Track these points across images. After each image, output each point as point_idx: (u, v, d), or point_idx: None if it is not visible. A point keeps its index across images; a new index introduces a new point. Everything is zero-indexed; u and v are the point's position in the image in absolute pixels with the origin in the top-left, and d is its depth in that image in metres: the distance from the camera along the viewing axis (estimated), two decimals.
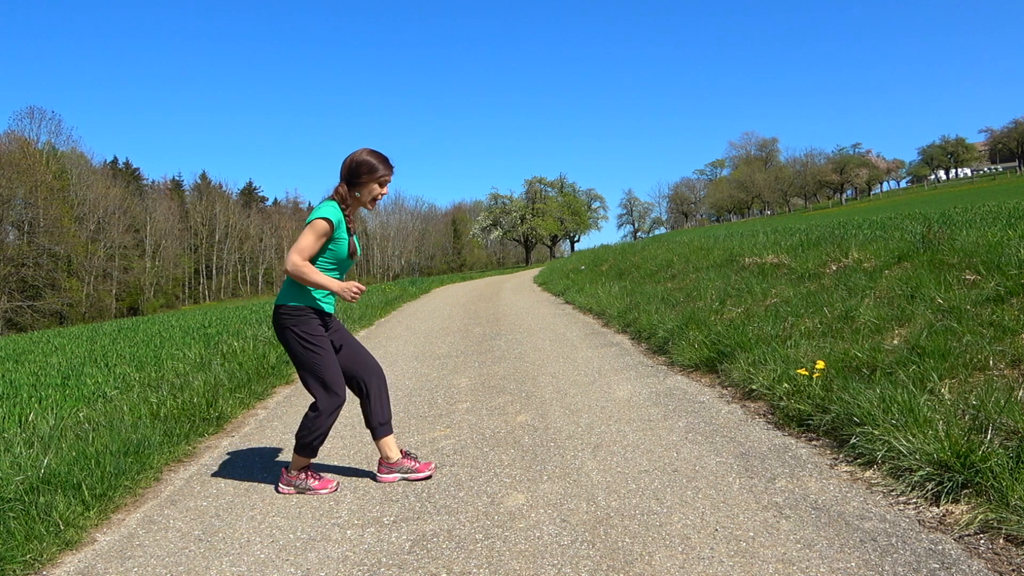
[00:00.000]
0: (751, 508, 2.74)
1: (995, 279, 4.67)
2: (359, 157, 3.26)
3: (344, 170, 3.29)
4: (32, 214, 48.52)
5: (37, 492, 3.33)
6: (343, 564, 2.63)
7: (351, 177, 3.27)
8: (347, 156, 3.30)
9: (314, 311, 3.30)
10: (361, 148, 3.31)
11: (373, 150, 3.30)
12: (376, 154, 3.29)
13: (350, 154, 3.30)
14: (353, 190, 3.29)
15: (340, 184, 3.30)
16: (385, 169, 3.29)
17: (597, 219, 69.36)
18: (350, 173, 3.27)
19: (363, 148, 3.31)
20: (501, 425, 4.36)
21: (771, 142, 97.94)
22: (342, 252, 3.31)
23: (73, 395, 5.99)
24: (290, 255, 3.19)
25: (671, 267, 12.06)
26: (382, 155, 3.31)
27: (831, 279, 6.56)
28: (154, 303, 62.34)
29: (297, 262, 3.17)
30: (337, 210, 3.24)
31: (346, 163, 3.28)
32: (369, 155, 3.27)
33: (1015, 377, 3.30)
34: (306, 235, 3.19)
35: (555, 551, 2.54)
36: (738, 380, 4.58)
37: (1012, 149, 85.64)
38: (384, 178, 3.31)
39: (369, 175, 3.26)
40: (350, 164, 3.27)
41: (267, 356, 7.35)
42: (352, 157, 3.28)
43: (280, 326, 3.31)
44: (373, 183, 3.28)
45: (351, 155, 3.29)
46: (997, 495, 2.43)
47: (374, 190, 3.30)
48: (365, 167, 3.25)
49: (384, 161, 3.30)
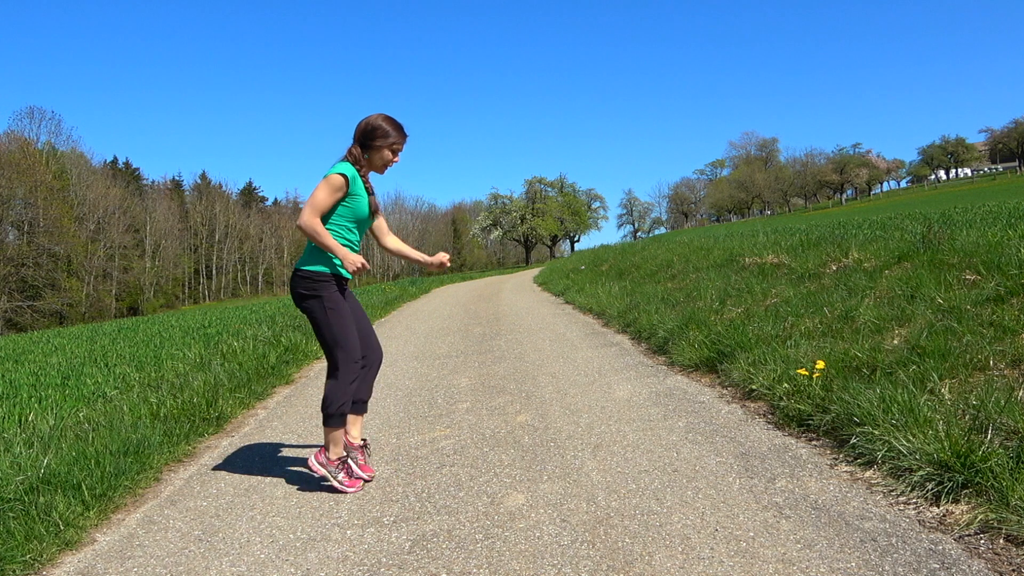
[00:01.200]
0: (751, 508, 2.74)
1: (995, 279, 4.67)
2: (374, 121, 3.26)
3: (358, 132, 3.28)
4: (32, 214, 48.54)
5: (37, 492, 3.33)
6: (343, 564, 2.63)
7: (364, 139, 3.27)
8: (362, 119, 3.29)
9: (333, 276, 3.29)
10: (376, 113, 3.31)
11: (388, 116, 3.30)
12: (391, 120, 3.30)
13: (365, 117, 3.30)
14: (365, 152, 3.29)
15: (353, 145, 3.30)
16: (398, 136, 3.29)
17: (597, 219, 69.41)
18: (364, 135, 3.27)
19: (378, 113, 3.31)
20: (501, 425, 4.36)
21: (771, 142, 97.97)
22: (361, 209, 3.30)
23: (73, 395, 5.99)
24: (303, 210, 3.15)
25: (671, 267, 12.06)
26: (397, 122, 3.31)
27: (831, 279, 6.56)
28: (154, 303, 62.37)
29: (311, 219, 3.13)
30: (351, 168, 3.24)
31: (360, 126, 3.28)
32: (384, 120, 3.28)
33: (1015, 377, 3.30)
34: (320, 189, 3.16)
35: (555, 551, 2.54)
36: (738, 380, 4.58)
37: (1012, 149, 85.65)
38: (396, 145, 3.30)
39: (383, 139, 3.26)
40: (364, 127, 3.26)
41: (267, 356, 7.35)
42: (367, 120, 3.27)
43: (300, 291, 3.28)
44: (386, 149, 3.28)
45: (366, 118, 3.28)
46: (997, 495, 2.43)
47: (386, 156, 3.30)
48: (380, 131, 3.26)
49: (398, 128, 3.30)
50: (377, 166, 3.32)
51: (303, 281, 3.27)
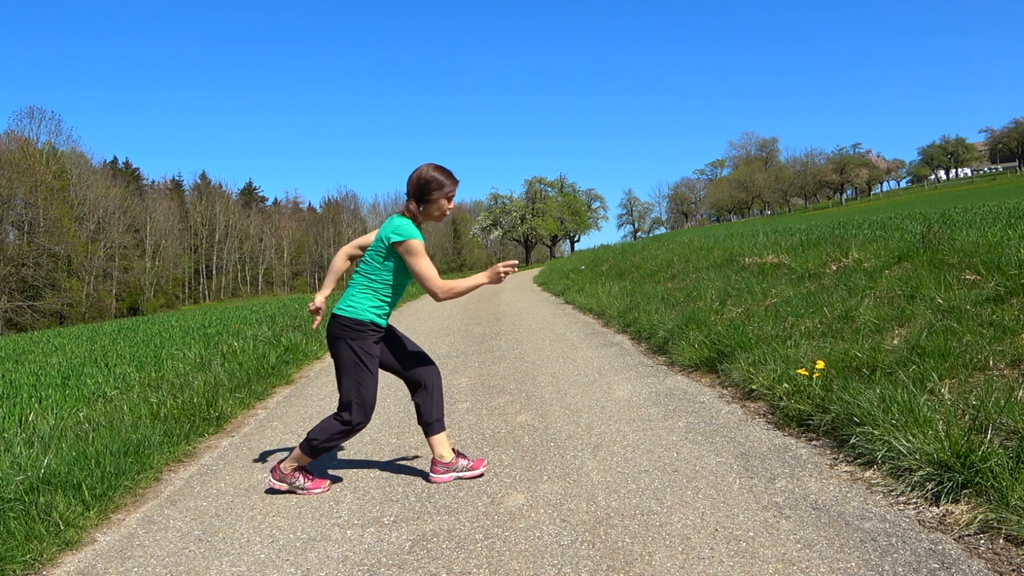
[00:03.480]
0: (751, 508, 2.74)
1: (995, 279, 4.67)
2: (427, 174, 3.29)
3: (412, 187, 3.30)
4: (32, 214, 48.53)
5: (37, 492, 3.33)
6: (343, 564, 2.63)
7: (420, 194, 3.29)
8: (413, 173, 3.32)
9: (374, 326, 3.31)
10: (425, 164, 3.33)
11: (438, 165, 3.34)
12: (441, 169, 3.33)
13: (416, 171, 3.32)
14: (421, 206, 3.31)
15: (409, 201, 3.32)
16: (451, 184, 3.34)
17: (597, 219, 69.37)
18: (419, 190, 3.29)
19: (427, 164, 3.34)
20: (501, 425, 4.36)
21: (771, 142, 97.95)
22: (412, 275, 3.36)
23: (73, 395, 6.00)
24: (430, 286, 3.20)
25: (671, 267, 12.06)
26: (446, 170, 3.36)
27: (831, 279, 6.56)
28: (154, 303, 62.36)
29: (442, 285, 3.21)
30: (416, 228, 3.28)
31: (413, 180, 3.30)
32: (435, 171, 3.31)
33: (1015, 377, 3.30)
34: (420, 260, 3.23)
35: (555, 551, 2.54)
36: (738, 380, 4.58)
37: (1012, 149, 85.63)
38: (451, 192, 3.34)
39: (438, 190, 3.29)
40: (418, 181, 3.29)
41: (267, 356, 7.35)
42: (419, 174, 3.30)
43: (337, 336, 3.30)
44: (442, 198, 3.31)
45: (417, 172, 3.31)
46: (997, 495, 2.43)
47: (443, 205, 3.33)
48: (434, 183, 3.28)
49: (449, 175, 3.35)
50: (434, 216, 3.37)
51: (343, 329, 3.29)
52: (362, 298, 3.29)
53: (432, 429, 3.50)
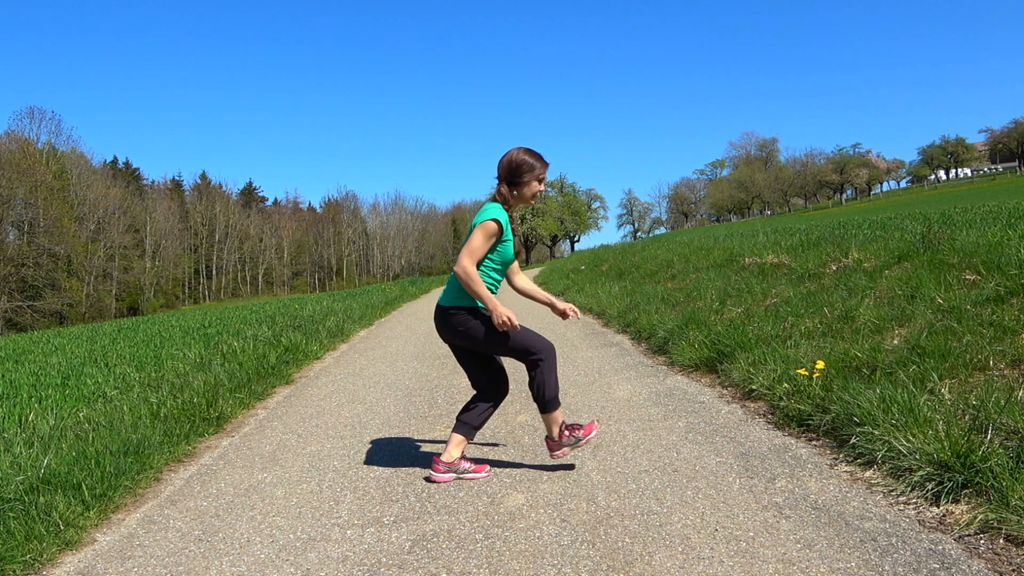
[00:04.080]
0: (751, 508, 2.74)
1: (995, 279, 4.67)
2: (518, 157, 3.29)
3: (504, 171, 3.31)
4: (32, 214, 48.52)
5: (37, 492, 3.33)
6: (343, 564, 2.63)
7: (512, 177, 3.30)
8: (503, 157, 3.32)
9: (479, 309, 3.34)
10: (515, 148, 3.34)
11: (528, 148, 3.34)
12: (531, 152, 3.34)
13: (506, 155, 3.32)
14: (513, 189, 3.32)
15: (501, 185, 3.32)
16: (542, 166, 3.34)
17: (597, 219, 69.51)
18: (510, 173, 3.29)
19: (518, 148, 3.34)
20: (501, 425, 4.36)
21: (771, 142, 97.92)
22: (508, 253, 3.36)
23: (73, 395, 5.99)
24: (461, 258, 3.20)
25: (671, 267, 12.06)
26: (536, 152, 3.36)
27: (831, 279, 6.56)
28: (154, 303, 62.37)
29: (469, 267, 3.19)
30: (503, 211, 3.28)
31: (504, 164, 3.30)
32: (526, 154, 3.31)
33: (1015, 377, 3.30)
34: (477, 236, 3.21)
35: (555, 551, 2.54)
36: (738, 380, 4.59)
37: (1012, 149, 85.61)
38: (542, 175, 3.35)
39: (529, 173, 3.30)
40: (509, 164, 3.29)
41: (267, 356, 7.35)
42: (510, 157, 3.30)
43: (455, 325, 3.33)
44: (533, 180, 3.32)
45: (508, 156, 3.31)
46: (997, 495, 2.43)
47: (534, 187, 3.34)
48: (525, 166, 3.29)
49: (540, 158, 3.35)
50: (527, 198, 3.37)
51: (454, 316, 3.32)
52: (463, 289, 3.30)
53: (458, 426, 3.49)
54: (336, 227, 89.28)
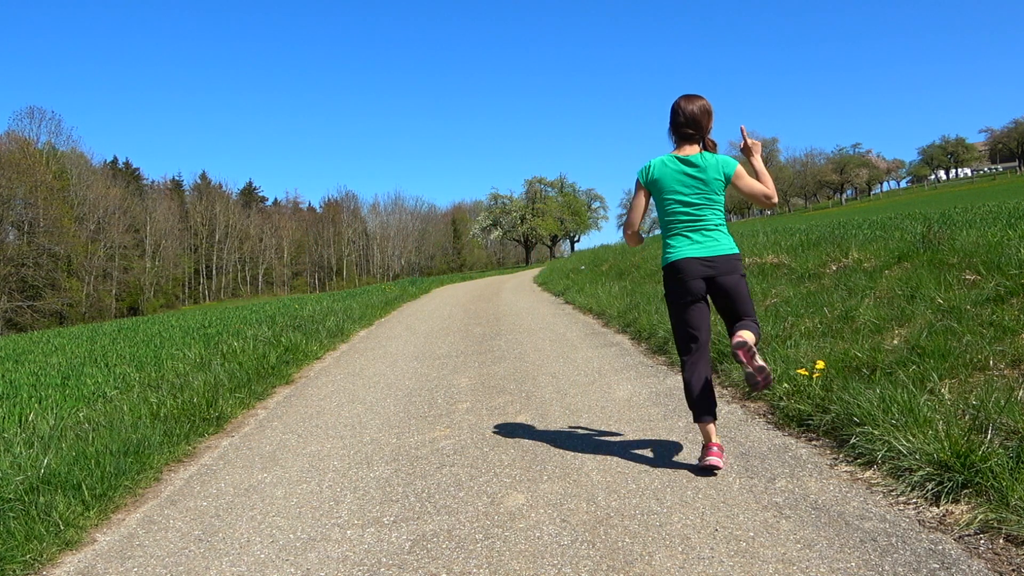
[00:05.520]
0: (751, 508, 2.74)
1: (995, 279, 4.67)
2: (708, 104, 3.27)
3: (711, 119, 3.27)
4: (32, 214, 48.53)
5: (37, 492, 3.33)
6: (343, 564, 2.63)
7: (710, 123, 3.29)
8: (701, 107, 3.24)
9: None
10: (692, 97, 3.28)
11: (688, 95, 3.32)
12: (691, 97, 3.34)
13: (697, 104, 3.25)
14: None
15: (707, 137, 3.28)
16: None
17: (597, 219, 69.28)
18: (711, 120, 3.28)
19: (692, 96, 3.28)
20: (501, 425, 4.36)
21: (771, 142, 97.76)
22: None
23: (73, 395, 6.00)
24: (773, 190, 3.21)
25: None
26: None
27: (831, 279, 6.56)
28: (154, 303, 62.38)
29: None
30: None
31: (709, 112, 3.25)
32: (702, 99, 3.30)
33: (1015, 377, 3.30)
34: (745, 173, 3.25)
35: (555, 551, 2.54)
36: (738, 380, 4.58)
37: (1012, 149, 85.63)
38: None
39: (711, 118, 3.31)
40: (710, 113, 3.26)
41: (267, 356, 7.35)
42: (707, 107, 3.26)
43: (739, 272, 3.26)
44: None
45: (701, 104, 3.25)
46: (997, 495, 2.43)
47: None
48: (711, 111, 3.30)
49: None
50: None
51: (740, 262, 3.28)
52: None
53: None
54: (336, 227, 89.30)
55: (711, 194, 3.21)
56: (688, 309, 3.25)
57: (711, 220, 3.22)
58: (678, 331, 3.33)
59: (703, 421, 3.19)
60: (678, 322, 3.31)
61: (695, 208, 3.21)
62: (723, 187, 3.22)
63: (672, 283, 3.28)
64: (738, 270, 3.25)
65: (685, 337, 3.29)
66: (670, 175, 3.22)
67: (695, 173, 3.20)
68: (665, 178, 3.23)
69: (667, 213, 3.27)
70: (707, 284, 3.22)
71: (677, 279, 3.24)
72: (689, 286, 3.21)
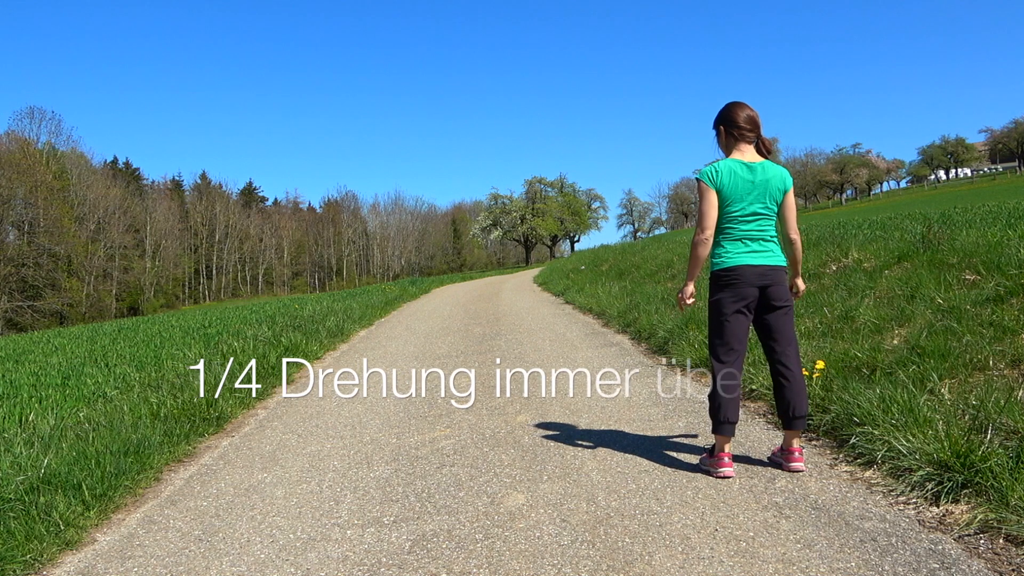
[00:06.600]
0: (751, 508, 2.74)
1: (995, 279, 4.67)
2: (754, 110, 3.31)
3: (760, 127, 3.29)
4: (32, 214, 48.50)
5: (37, 492, 3.33)
6: (343, 564, 2.63)
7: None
8: (749, 114, 3.27)
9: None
10: (741, 103, 3.32)
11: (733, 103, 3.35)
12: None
13: (744, 110, 3.27)
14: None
15: (763, 139, 3.30)
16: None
17: (597, 219, 69.30)
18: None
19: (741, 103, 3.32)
20: (501, 425, 4.36)
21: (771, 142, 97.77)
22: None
23: (73, 395, 5.99)
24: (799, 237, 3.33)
25: (671, 267, 12.06)
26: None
27: (831, 279, 6.56)
28: (154, 303, 62.33)
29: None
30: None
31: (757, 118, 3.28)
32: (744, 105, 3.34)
33: (1015, 377, 3.30)
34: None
35: (555, 551, 2.54)
36: None
37: (1012, 149, 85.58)
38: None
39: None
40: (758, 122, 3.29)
41: (267, 356, 7.35)
42: (752, 113, 3.28)
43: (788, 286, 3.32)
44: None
45: (747, 111, 3.27)
46: (997, 495, 2.43)
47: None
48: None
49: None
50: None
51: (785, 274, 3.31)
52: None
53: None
54: (336, 227, 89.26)
55: (771, 204, 3.22)
56: (735, 316, 3.23)
57: (768, 231, 3.23)
58: (719, 337, 3.28)
59: (725, 434, 3.16)
60: (720, 328, 3.27)
61: (756, 217, 3.20)
62: (781, 199, 3.23)
63: (725, 288, 3.26)
64: (787, 284, 3.28)
65: (725, 344, 3.25)
66: (740, 183, 3.19)
67: (760, 182, 3.19)
68: (733, 184, 3.20)
69: (728, 218, 3.23)
70: (760, 293, 3.21)
71: (732, 284, 3.23)
72: (743, 292, 3.20)
